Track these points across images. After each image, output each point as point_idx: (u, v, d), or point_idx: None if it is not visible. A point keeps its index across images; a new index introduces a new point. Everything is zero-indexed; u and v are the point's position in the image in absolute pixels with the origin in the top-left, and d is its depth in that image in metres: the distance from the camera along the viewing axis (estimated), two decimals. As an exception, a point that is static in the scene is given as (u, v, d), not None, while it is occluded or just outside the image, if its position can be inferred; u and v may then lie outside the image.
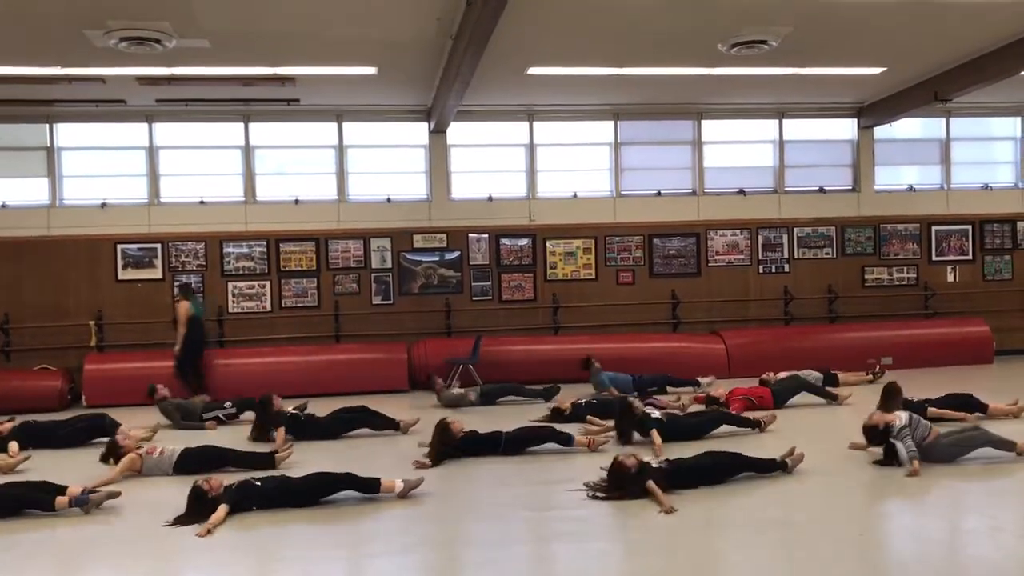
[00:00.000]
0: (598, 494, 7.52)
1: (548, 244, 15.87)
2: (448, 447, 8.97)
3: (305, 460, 8.87)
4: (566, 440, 9.24)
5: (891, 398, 8.82)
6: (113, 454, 8.94)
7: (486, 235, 15.72)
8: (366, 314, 15.35)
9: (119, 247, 14.92)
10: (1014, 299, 16.85)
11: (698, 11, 10.66)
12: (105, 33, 10.51)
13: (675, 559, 6.22)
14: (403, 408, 11.60)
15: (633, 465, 7.44)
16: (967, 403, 10.15)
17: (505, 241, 15.80)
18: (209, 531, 6.89)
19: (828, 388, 12.02)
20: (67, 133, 15.09)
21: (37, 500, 7.50)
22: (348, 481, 7.66)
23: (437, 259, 15.65)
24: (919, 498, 7.50)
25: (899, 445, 8.10)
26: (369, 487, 7.64)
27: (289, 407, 10.78)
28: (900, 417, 8.30)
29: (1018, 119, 17.04)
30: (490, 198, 15.81)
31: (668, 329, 15.84)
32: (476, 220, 15.68)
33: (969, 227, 16.87)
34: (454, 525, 7.22)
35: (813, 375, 12.64)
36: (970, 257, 16.88)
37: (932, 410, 9.80)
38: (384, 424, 10.55)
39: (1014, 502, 7.47)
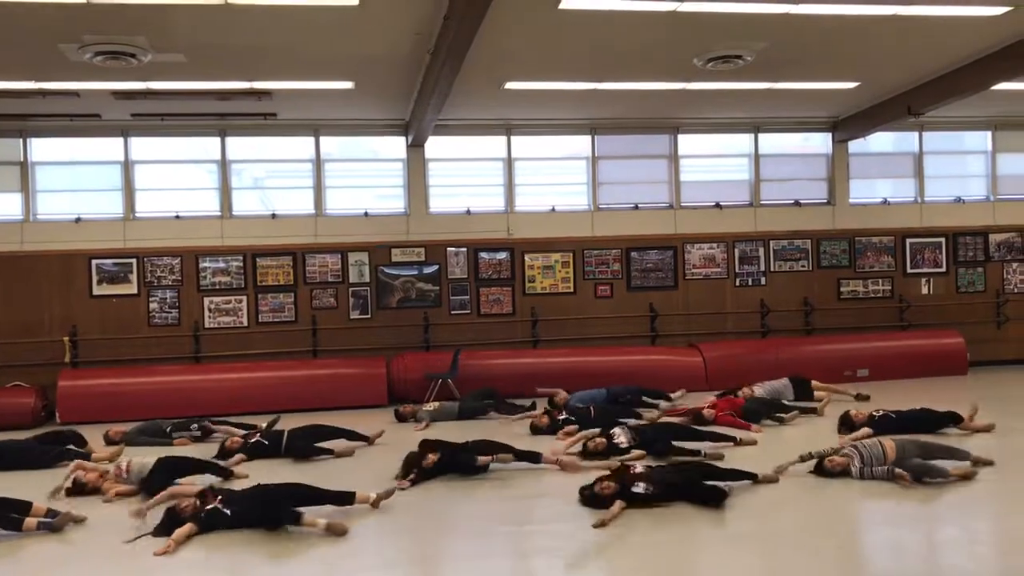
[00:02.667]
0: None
1: (526, 258, 15.88)
2: (422, 472, 8.91)
3: (280, 478, 8.77)
4: (534, 458, 9.18)
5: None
6: (80, 492, 8.63)
7: (464, 249, 15.71)
8: (344, 328, 15.28)
9: (94, 262, 14.77)
10: (987, 311, 17.03)
11: (673, 26, 10.71)
12: (80, 47, 10.42)
13: (654, 572, 6.21)
14: (382, 423, 11.55)
15: (610, 494, 7.54)
16: (937, 421, 10.21)
17: (483, 255, 15.80)
18: (171, 547, 6.78)
19: (803, 403, 12.05)
20: (41, 147, 14.93)
21: (7, 520, 7.37)
22: (321, 494, 7.58)
23: (415, 273, 15.61)
24: (895, 510, 7.53)
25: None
26: (343, 499, 7.59)
27: (262, 423, 10.73)
28: (853, 463, 8.28)
29: (989, 133, 17.24)
30: (468, 212, 15.81)
31: (646, 342, 15.87)
32: (454, 234, 15.67)
33: (943, 240, 17.05)
34: (433, 540, 7.18)
35: (782, 383, 12.67)
36: (944, 269, 17.06)
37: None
38: (355, 439, 10.53)
39: (988, 513, 7.54)
